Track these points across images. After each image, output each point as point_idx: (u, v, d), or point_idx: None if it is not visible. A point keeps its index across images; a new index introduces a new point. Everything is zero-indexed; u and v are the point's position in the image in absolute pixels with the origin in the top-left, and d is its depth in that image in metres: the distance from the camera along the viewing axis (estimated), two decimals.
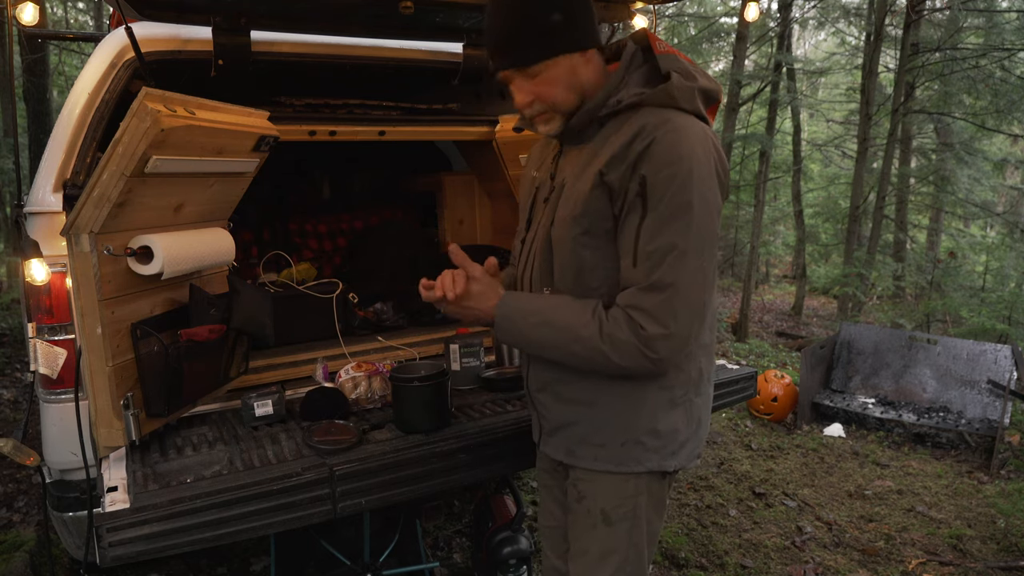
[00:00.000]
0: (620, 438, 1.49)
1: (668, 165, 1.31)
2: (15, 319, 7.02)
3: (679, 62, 1.43)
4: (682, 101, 1.38)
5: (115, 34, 2.37)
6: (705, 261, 1.35)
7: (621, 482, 1.51)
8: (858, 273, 9.15)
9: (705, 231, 1.34)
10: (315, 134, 2.59)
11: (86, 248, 1.75)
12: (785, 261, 17.81)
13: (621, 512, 1.53)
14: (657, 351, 1.33)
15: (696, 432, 1.56)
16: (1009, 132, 11.25)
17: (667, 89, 1.37)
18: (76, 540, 2.07)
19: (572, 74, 1.42)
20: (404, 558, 2.71)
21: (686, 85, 1.38)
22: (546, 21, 1.37)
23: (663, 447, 1.50)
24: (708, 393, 1.60)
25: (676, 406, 1.50)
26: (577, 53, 1.41)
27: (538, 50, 1.39)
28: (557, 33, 1.38)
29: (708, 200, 1.34)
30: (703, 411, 1.58)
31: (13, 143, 5.92)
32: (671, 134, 1.33)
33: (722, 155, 1.42)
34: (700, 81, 1.42)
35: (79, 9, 14.06)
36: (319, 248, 3.71)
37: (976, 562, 3.11)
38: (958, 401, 4.70)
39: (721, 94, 1.50)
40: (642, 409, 1.47)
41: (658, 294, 1.31)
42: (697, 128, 1.38)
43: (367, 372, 2.22)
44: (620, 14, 2.70)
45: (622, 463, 1.50)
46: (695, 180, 1.32)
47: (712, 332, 1.56)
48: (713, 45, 12.33)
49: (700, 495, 3.76)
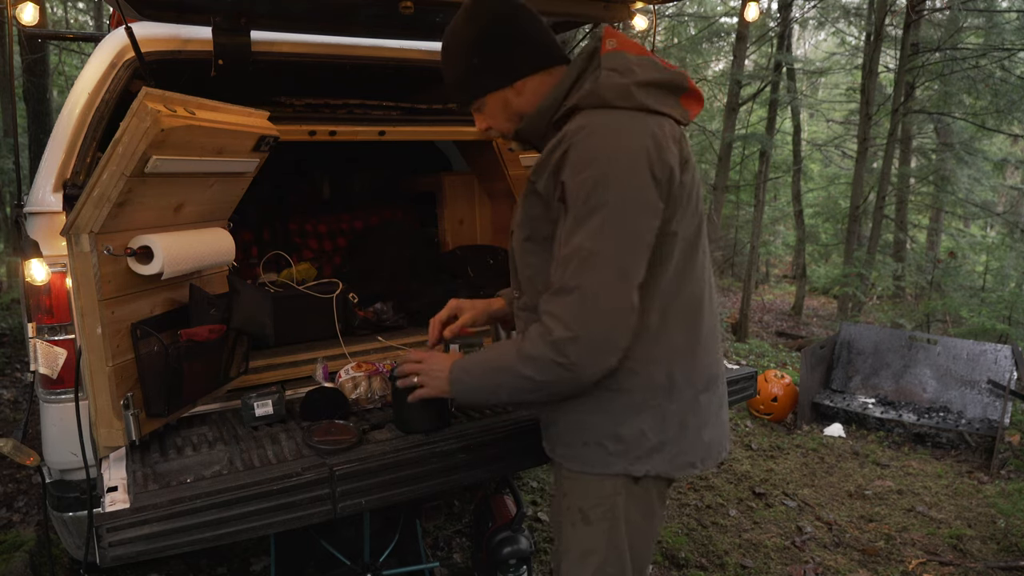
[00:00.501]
0: (583, 439, 1.52)
1: (582, 169, 1.33)
2: (15, 319, 7.02)
3: (622, 58, 1.43)
4: (614, 99, 1.38)
5: (115, 34, 2.36)
6: (623, 265, 1.33)
7: (597, 482, 1.52)
8: (858, 273, 9.15)
9: (622, 231, 1.32)
10: (315, 134, 2.58)
11: (86, 248, 1.75)
12: (785, 261, 17.82)
13: (599, 512, 1.53)
14: (567, 355, 1.32)
15: (678, 439, 1.50)
16: (1009, 132, 11.26)
17: (594, 90, 1.40)
18: (76, 540, 2.07)
19: (505, 106, 1.55)
20: (404, 558, 2.71)
21: (616, 83, 1.39)
22: (467, 68, 1.53)
23: (626, 451, 1.48)
24: (691, 399, 1.52)
25: (641, 411, 1.47)
26: (505, 89, 1.53)
27: (466, 92, 1.58)
28: (478, 76, 1.53)
29: (628, 199, 1.32)
30: (689, 417, 1.51)
31: (13, 143, 5.93)
32: (588, 137, 1.35)
33: (665, 149, 1.38)
34: (638, 75, 1.40)
35: (79, 9, 14.07)
36: (319, 248, 3.71)
37: (976, 562, 3.11)
38: (958, 401, 4.70)
39: (684, 81, 1.47)
40: (601, 412, 1.49)
41: (565, 296, 1.32)
42: (625, 125, 1.37)
43: (367, 372, 2.22)
44: (620, 14, 2.70)
45: (589, 464, 1.52)
46: (611, 180, 1.32)
47: (687, 334, 1.50)
48: (713, 45, 12.34)
49: (700, 495, 3.76)
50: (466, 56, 1.52)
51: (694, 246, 1.50)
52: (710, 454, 1.57)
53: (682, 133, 1.49)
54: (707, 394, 1.56)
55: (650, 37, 3.46)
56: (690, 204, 1.46)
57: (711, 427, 1.57)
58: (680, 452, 1.51)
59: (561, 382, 1.37)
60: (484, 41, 1.51)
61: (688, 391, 1.51)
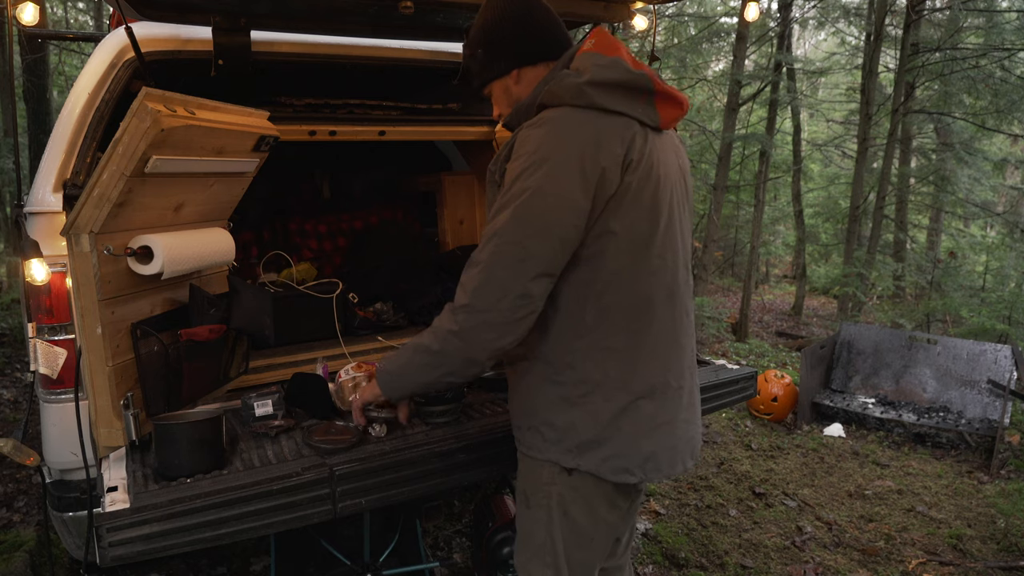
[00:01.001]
0: (527, 422, 1.60)
1: (516, 159, 1.44)
2: (15, 319, 7.02)
3: (588, 59, 1.50)
4: (567, 98, 1.46)
5: (115, 34, 2.36)
6: (525, 247, 1.39)
7: (536, 466, 1.60)
8: (858, 273, 9.15)
9: (530, 220, 1.39)
10: (315, 134, 2.58)
11: (86, 248, 1.75)
12: (785, 261, 17.81)
13: (538, 498, 1.60)
14: (458, 322, 1.43)
15: (612, 440, 1.50)
16: (1009, 132, 11.26)
17: (552, 88, 1.48)
18: (76, 540, 2.07)
19: (506, 93, 1.66)
20: (404, 558, 2.71)
21: (570, 82, 1.46)
22: (475, 57, 1.67)
23: (559, 440, 1.53)
24: (627, 404, 1.50)
25: (573, 404, 1.51)
26: (505, 76, 1.64)
27: (476, 79, 1.71)
28: (483, 66, 1.66)
29: (545, 191, 1.39)
30: (624, 421, 1.50)
31: (13, 143, 5.93)
32: (530, 130, 1.46)
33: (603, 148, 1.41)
34: (595, 75, 1.45)
35: (79, 9, 14.06)
36: (319, 248, 3.70)
37: (976, 562, 3.11)
38: (958, 401, 4.70)
39: (647, 82, 1.48)
40: (539, 398, 1.56)
41: (470, 269, 1.44)
42: (566, 121, 1.43)
43: (367, 372, 2.22)
44: (620, 14, 2.70)
45: (530, 447, 1.60)
46: (534, 171, 1.40)
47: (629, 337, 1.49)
48: (713, 45, 12.32)
49: (700, 495, 3.76)
50: (475, 47, 1.65)
51: (644, 248, 1.49)
52: (654, 465, 1.54)
53: (639, 135, 1.47)
54: (649, 401, 1.52)
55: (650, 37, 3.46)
56: (637, 205, 1.46)
57: (653, 437, 1.53)
58: (613, 455, 1.51)
59: (455, 352, 1.47)
60: (489, 32, 1.62)
61: (623, 394, 1.51)
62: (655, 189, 1.49)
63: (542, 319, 1.50)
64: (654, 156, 1.49)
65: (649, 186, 1.48)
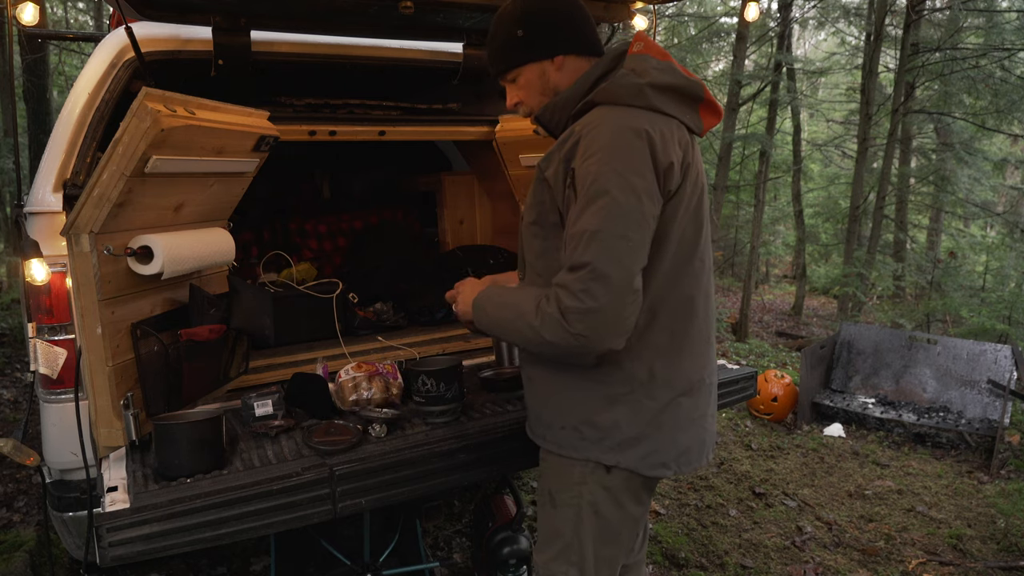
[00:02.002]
0: (560, 422, 1.59)
1: (589, 157, 1.41)
2: (15, 319, 7.02)
3: (643, 61, 1.50)
4: (626, 98, 1.46)
5: (115, 34, 2.36)
6: (629, 242, 1.38)
7: (567, 466, 1.59)
8: (858, 273, 9.15)
9: (627, 214, 1.38)
10: (315, 134, 2.58)
11: (86, 248, 1.75)
12: (785, 261, 17.82)
13: (566, 497, 1.59)
14: (574, 325, 1.37)
15: (653, 437, 1.53)
16: (1009, 132, 11.27)
17: (610, 88, 1.48)
18: (76, 540, 2.07)
19: (542, 79, 1.61)
20: (404, 558, 2.71)
21: (630, 82, 1.46)
22: (511, 36, 1.59)
23: (602, 439, 1.53)
24: (669, 400, 1.54)
25: (617, 403, 1.52)
26: (545, 61, 1.59)
27: (506, 61, 1.63)
28: (521, 46, 1.59)
29: (631, 185, 1.38)
30: (665, 417, 1.54)
31: (13, 143, 5.92)
32: (596, 128, 1.43)
33: (668, 145, 1.43)
34: (654, 77, 1.46)
35: (79, 9, 14.06)
36: (319, 248, 3.71)
37: (976, 562, 3.11)
38: (958, 401, 4.70)
39: (700, 90, 1.52)
40: (580, 398, 1.55)
41: (577, 272, 1.38)
42: (630, 119, 1.43)
43: (367, 372, 2.22)
44: (620, 14, 2.70)
45: (563, 447, 1.59)
46: (613, 168, 1.39)
47: (673, 336, 1.53)
48: (713, 45, 12.33)
49: (700, 495, 3.76)
50: (513, 26, 1.59)
51: (691, 251, 1.54)
52: (687, 459, 1.59)
53: (690, 141, 1.53)
54: (688, 398, 1.57)
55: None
56: (689, 208, 1.51)
57: (689, 432, 1.59)
58: (653, 451, 1.54)
59: (569, 349, 1.42)
60: (534, 14, 1.58)
61: (667, 391, 1.54)
62: (700, 194, 1.54)
63: None
64: (698, 163, 1.54)
65: (696, 191, 1.52)
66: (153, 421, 1.81)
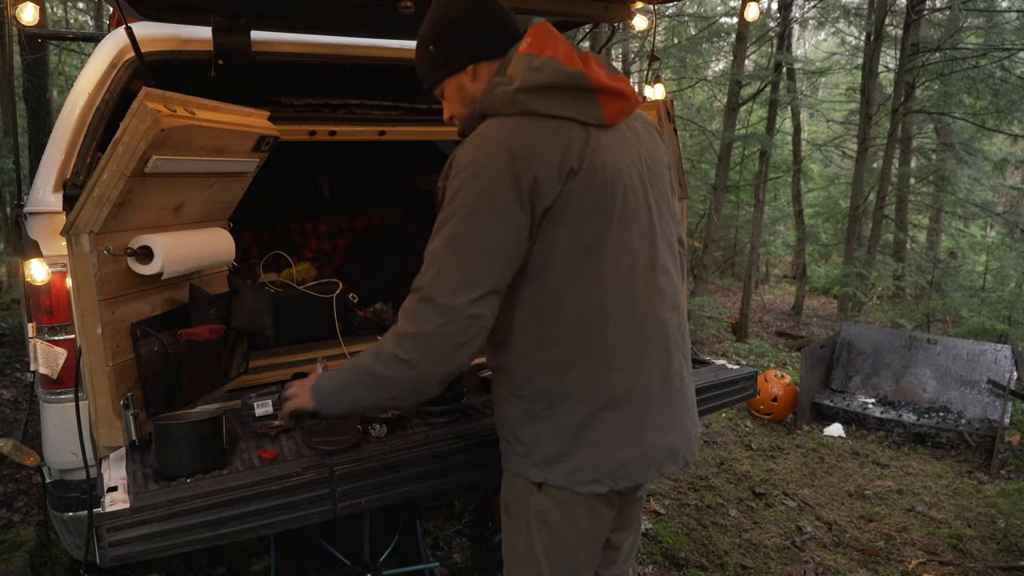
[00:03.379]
0: (501, 434, 1.61)
1: (453, 177, 1.39)
2: (15, 319, 7.02)
3: (520, 62, 1.44)
4: (500, 108, 1.42)
5: (115, 34, 2.37)
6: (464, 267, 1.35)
7: (511, 478, 1.59)
8: (858, 273, 9.15)
9: (467, 238, 1.35)
10: (315, 134, 2.58)
11: (86, 248, 1.75)
12: (785, 261, 17.81)
13: (515, 507, 1.59)
14: (405, 349, 1.37)
15: (579, 453, 1.46)
16: (1009, 132, 11.26)
17: (484, 99, 1.46)
18: (76, 540, 2.07)
19: (461, 91, 1.58)
20: (404, 558, 2.71)
21: (501, 91, 1.42)
22: (427, 53, 1.59)
23: (527, 454, 1.52)
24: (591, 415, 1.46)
25: (536, 418, 1.49)
26: (459, 73, 1.56)
27: (428, 79, 1.63)
28: (435, 62, 1.58)
29: (479, 207, 1.35)
30: (589, 432, 1.46)
31: (13, 143, 5.93)
32: (463, 147, 1.41)
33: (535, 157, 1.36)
34: (527, 79, 1.39)
35: (79, 9, 14.06)
36: (319, 248, 3.71)
37: (976, 562, 3.11)
38: (958, 401, 4.70)
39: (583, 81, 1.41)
40: (506, 412, 1.56)
41: (413, 296, 1.39)
42: (495, 134, 1.39)
43: None
44: (620, 14, 2.70)
45: (505, 459, 1.61)
46: (464, 189, 1.36)
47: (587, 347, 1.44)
48: (713, 45, 12.32)
49: (700, 495, 3.76)
50: (426, 43, 1.58)
51: (595, 253, 1.43)
52: (626, 472, 1.50)
53: (578, 138, 1.41)
54: (614, 412, 1.48)
55: (650, 37, 3.46)
56: (580, 212, 1.40)
57: (627, 447, 1.49)
58: (580, 468, 1.48)
59: (403, 379, 1.41)
60: (439, 27, 1.56)
61: (585, 407, 1.47)
62: (600, 192, 1.42)
63: (503, 335, 1.49)
64: (600, 158, 1.42)
65: (593, 190, 1.41)
66: (153, 421, 1.81)
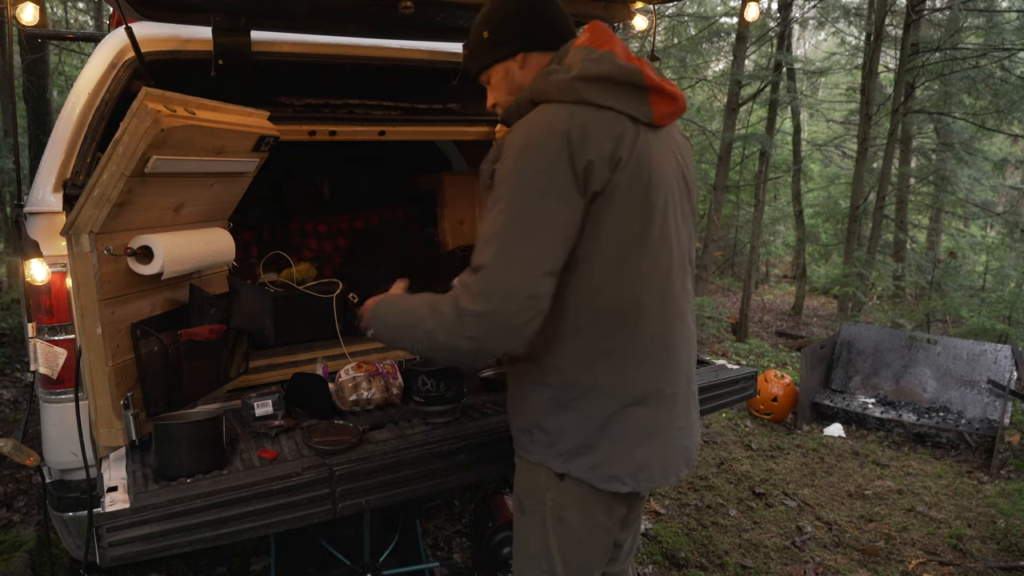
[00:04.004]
0: (519, 424, 1.60)
1: (505, 158, 1.41)
2: (15, 319, 7.02)
3: (579, 53, 1.47)
4: (555, 94, 1.44)
5: (115, 34, 2.36)
6: (529, 247, 1.35)
7: (529, 470, 1.58)
8: (858, 273, 9.15)
9: (528, 216, 1.36)
10: (315, 134, 2.58)
11: (86, 248, 1.75)
12: (785, 261, 17.81)
13: (532, 502, 1.58)
14: (468, 328, 1.36)
15: (603, 447, 1.47)
16: (1009, 132, 11.26)
17: (539, 85, 1.47)
18: (76, 540, 2.07)
19: (508, 78, 1.61)
20: (404, 558, 2.71)
21: (558, 78, 1.45)
22: (479, 38, 1.61)
23: (551, 444, 1.51)
24: (618, 410, 1.47)
25: (564, 407, 1.49)
26: (509, 60, 1.59)
27: (477, 63, 1.65)
28: (487, 47, 1.60)
29: (538, 187, 1.37)
30: (615, 427, 1.47)
31: (13, 143, 5.93)
32: (517, 128, 1.43)
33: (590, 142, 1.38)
34: (585, 70, 1.43)
35: (79, 9, 14.06)
36: (319, 248, 3.71)
37: (976, 562, 3.11)
38: (958, 401, 4.70)
39: (638, 78, 1.45)
40: (531, 400, 1.55)
41: (475, 274, 1.37)
42: (549, 118, 1.41)
43: (367, 372, 2.22)
44: (620, 14, 2.70)
45: (522, 448, 1.59)
46: (521, 168, 1.38)
47: (619, 341, 1.46)
48: (713, 45, 12.32)
49: (700, 495, 3.76)
50: (480, 28, 1.61)
51: (637, 248, 1.45)
52: (649, 475, 1.51)
53: (636, 132, 1.44)
54: (641, 409, 1.49)
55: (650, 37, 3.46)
56: (626, 205, 1.43)
57: (650, 446, 1.51)
58: (604, 463, 1.48)
59: (461, 351, 1.42)
60: (496, 13, 1.59)
61: (613, 400, 1.48)
62: (645, 189, 1.45)
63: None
64: (646, 155, 1.45)
65: (639, 185, 1.43)
66: (153, 421, 1.81)
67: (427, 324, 1.43)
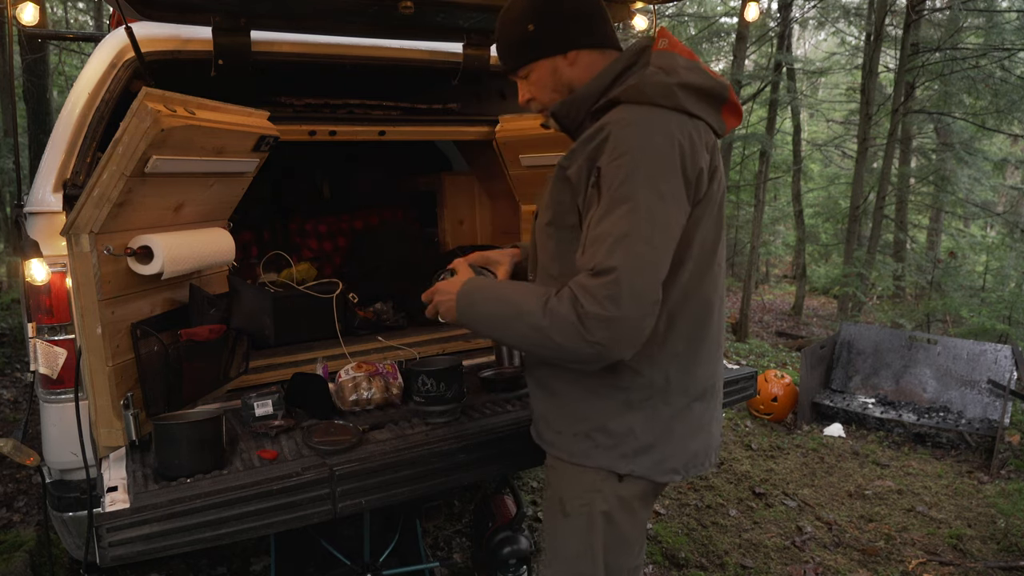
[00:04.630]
0: (572, 428, 1.53)
1: (619, 156, 1.34)
2: (15, 319, 7.02)
3: (671, 58, 1.44)
4: (655, 97, 1.39)
5: (115, 34, 2.37)
6: (655, 250, 1.33)
7: (578, 473, 1.54)
8: (858, 273, 9.15)
9: (655, 220, 1.33)
10: (315, 134, 2.59)
11: (86, 248, 1.75)
12: (785, 261, 17.81)
13: (577, 505, 1.54)
14: (594, 333, 1.29)
15: (666, 443, 1.51)
16: (1009, 132, 11.27)
17: (638, 85, 1.41)
18: (76, 540, 2.07)
19: (555, 75, 1.55)
20: (404, 558, 2.71)
21: (659, 81, 1.40)
22: (522, 31, 1.54)
23: (614, 446, 1.49)
24: (684, 407, 1.52)
25: (633, 409, 1.48)
26: (557, 56, 1.53)
27: (518, 57, 1.58)
28: (532, 42, 1.54)
29: (660, 191, 1.33)
30: (678, 423, 1.51)
31: (13, 143, 5.92)
32: (626, 128, 1.37)
33: (697, 151, 1.39)
34: (683, 77, 1.41)
35: (79, 9, 14.06)
36: (319, 248, 3.71)
37: (976, 562, 3.11)
38: (958, 401, 4.70)
39: (726, 91, 1.48)
40: (595, 404, 1.50)
41: (602, 277, 1.30)
42: (661, 121, 1.37)
43: (367, 372, 2.23)
44: (620, 14, 2.70)
45: (574, 454, 1.54)
46: (644, 170, 1.33)
47: (690, 342, 1.50)
48: (713, 45, 12.33)
49: (700, 495, 3.76)
50: (524, 21, 1.54)
51: (711, 257, 1.50)
52: (694, 463, 1.57)
53: (715, 143, 1.49)
54: (701, 404, 1.55)
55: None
56: (711, 213, 1.47)
57: (698, 437, 1.56)
58: (665, 457, 1.51)
59: (579, 354, 1.35)
60: (545, 8, 1.53)
61: (682, 398, 1.51)
62: (722, 199, 1.51)
63: None
64: (721, 166, 1.51)
65: (719, 195, 1.49)
66: (153, 421, 1.81)
67: (535, 320, 1.36)
